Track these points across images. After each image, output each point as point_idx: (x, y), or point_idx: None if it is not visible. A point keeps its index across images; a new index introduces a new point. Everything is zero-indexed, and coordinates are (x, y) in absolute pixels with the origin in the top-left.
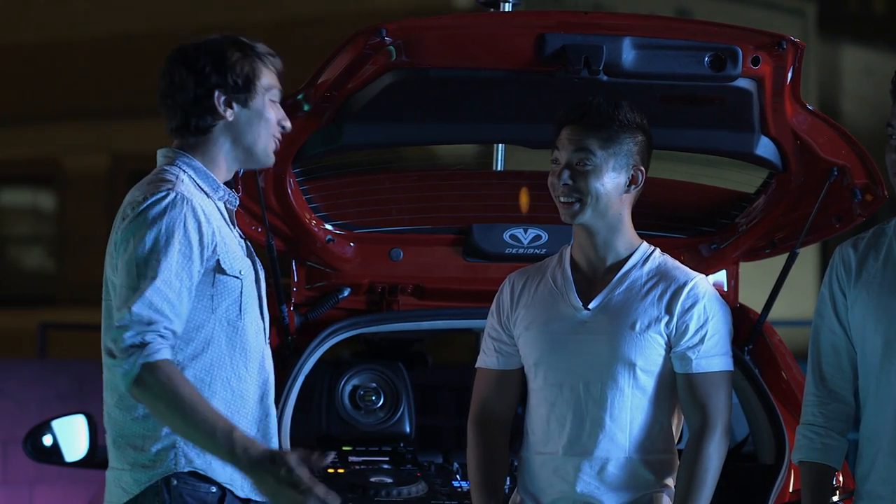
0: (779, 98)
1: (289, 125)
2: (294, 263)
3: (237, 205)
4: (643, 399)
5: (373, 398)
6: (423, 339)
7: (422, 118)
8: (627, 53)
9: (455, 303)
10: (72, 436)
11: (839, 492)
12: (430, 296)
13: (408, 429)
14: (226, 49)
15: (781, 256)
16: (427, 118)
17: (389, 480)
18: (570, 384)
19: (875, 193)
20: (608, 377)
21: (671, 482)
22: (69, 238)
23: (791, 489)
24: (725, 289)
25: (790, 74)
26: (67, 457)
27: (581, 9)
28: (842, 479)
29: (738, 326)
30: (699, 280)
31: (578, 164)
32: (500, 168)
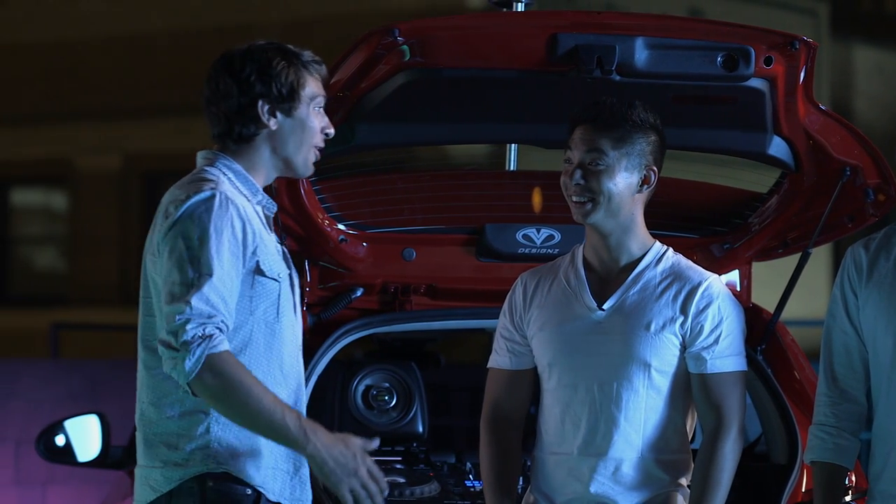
0: (791, 98)
1: (332, 132)
2: (307, 263)
3: (275, 211)
4: (658, 399)
5: (385, 398)
6: (436, 339)
7: (434, 118)
8: (640, 53)
9: (468, 303)
10: (84, 436)
11: (852, 491)
12: (443, 296)
13: (420, 429)
14: (271, 57)
15: (794, 256)
16: (439, 118)
17: (402, 480)
18: (585, 384)
19: (887, 193)
20: (623, 377)
21: (685, 482)
22: (81, 238)
23: (804, 489)
24: (738, 289)
25: (803, 74)
26: (80, 457)
27: (593, 9)
28: (854, 479)
29: (751, 326)
30: (713, 280)
31: (591, 164)
32: (513, 168)
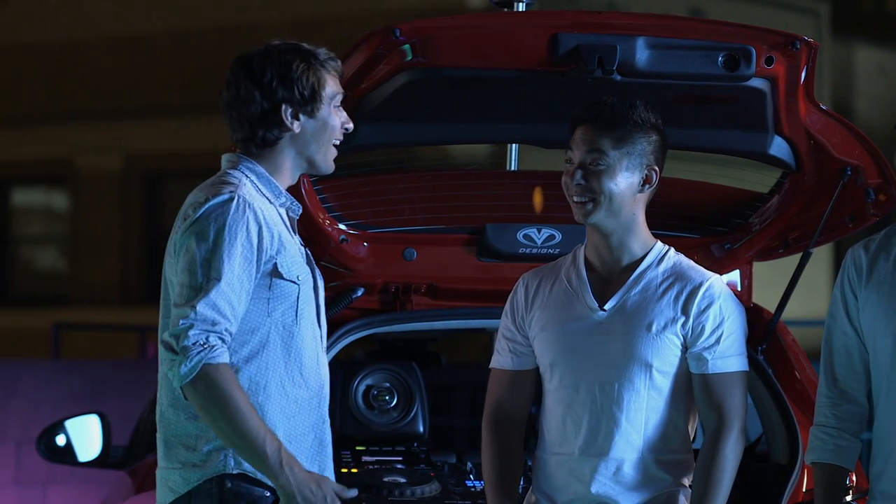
0: (792, 98)
1: (351, 126)
2: None
3: (300, 213)
4: (659, 400)
5: (386, 398)
6: (437, 339)
7: (435, 118)
8: (641, 53)
9: (469, 302)
10: (85, 436)
11: (852, 491)
12: (444, 295)
13: (421, 428)
14: (290, 60)
15: (795, 256)
16: (441, 118)
17: (403, 480)
18: (587, 385)
19: (888, 193)
20: (624, 378)
21: (687, 482)
22: (83, 238)
23: (805, 489)
24: (739, 289)
25: (804, 74)
26: (81, 457)
27: (594, 9)
28: (855, 479)
29: (752, 326)
30: (714, 280)
31: (591, 164)
32: (514, 168)
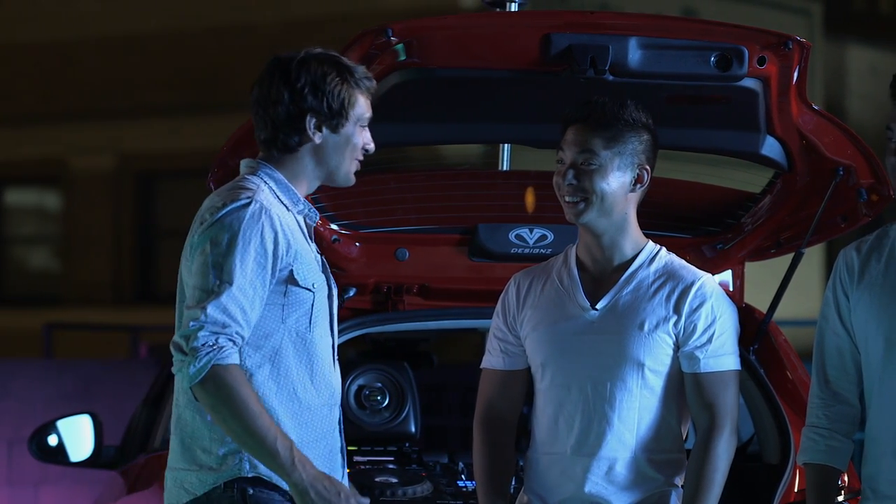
0: (785, 98)
1: (372, 147)
2: None
3: (317, 220)
4: (651, 399)
5: (378, 398)
6: (429, 339)
7: (427, 118)
8: (633, 53)
9: (461, 302)
10: (77, 436)
11: (844, 491)
12: (436, 295)
13: (413, 429)
14: (326, 72)
15: (787, 256)
16: (433, 118)
17: (395, 480)
18: (579, 384)
19: (881, 193)
20: (617, 377)
21: (679, 482)
22: (75, 238)
23: (796, 489)
24: (731, 289)
25: (796, 74)
26: (72, 457)
27: (587, 9)
28: (847, 480)
29: (744, 326)
30: (706, 279)
31: (583, 164)
32: (506, 168)
